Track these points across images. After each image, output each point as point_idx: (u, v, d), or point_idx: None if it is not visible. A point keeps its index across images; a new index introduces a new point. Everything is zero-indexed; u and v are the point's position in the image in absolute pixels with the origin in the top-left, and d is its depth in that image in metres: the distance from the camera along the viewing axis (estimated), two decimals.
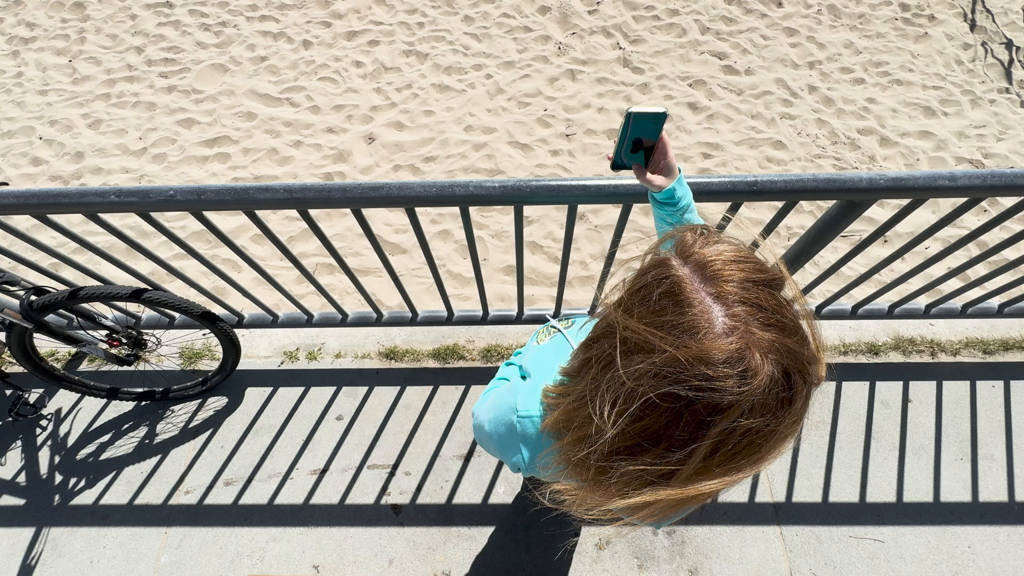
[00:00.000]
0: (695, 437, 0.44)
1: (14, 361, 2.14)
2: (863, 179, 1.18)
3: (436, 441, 1.95)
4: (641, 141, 0.83)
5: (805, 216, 3.07)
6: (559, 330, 0.94)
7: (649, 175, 0.86)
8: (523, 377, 0.88)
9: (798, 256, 1.59)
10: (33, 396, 2.04)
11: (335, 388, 2.08)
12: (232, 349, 1.87)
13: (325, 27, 4.15)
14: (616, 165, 0.87)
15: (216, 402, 2.04)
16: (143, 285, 1.67)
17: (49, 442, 1.96)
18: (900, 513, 1.78)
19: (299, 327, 2.03)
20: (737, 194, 1.20)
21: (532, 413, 0.71)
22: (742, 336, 0.43)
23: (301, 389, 2.07)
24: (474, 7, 4.24)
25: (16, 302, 1.55)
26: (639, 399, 0.44)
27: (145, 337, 1.86)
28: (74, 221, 2.83)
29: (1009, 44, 3.92)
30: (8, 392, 2.04)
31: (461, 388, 2.07)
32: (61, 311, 1.78)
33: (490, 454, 0.93)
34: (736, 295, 0.45)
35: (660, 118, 0.80)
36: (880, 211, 3.02)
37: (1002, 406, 1.98)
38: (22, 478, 1.90)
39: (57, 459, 1.93)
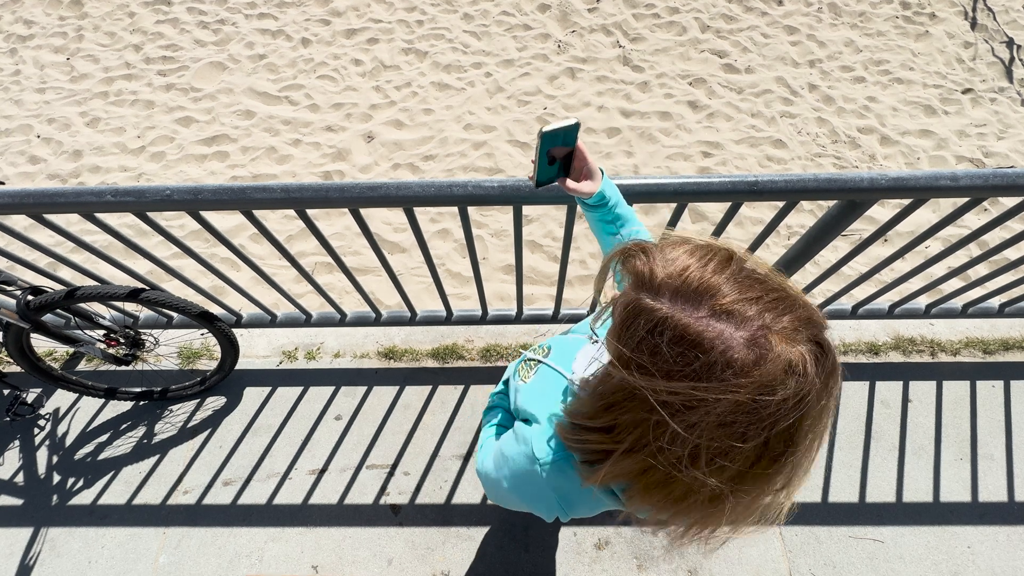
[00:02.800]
0: (791, 441, 0.45)
1: (11, 361, 2.13)
2: (864, 179, 1.18)
3: (435, 441, 1.95)
4: (558, 152, 0.83)
5: (806, 215, 3.06)
6: (540, 361, 0.86)
7: (575, 184, 0.86)
8: (526, 421, 0.79)
9: (798, 256, 1.59)
10: (31, 396, 2.04)
11: (334, 388, 2.07)
12: (230, 349, 1.87)
13: (324, 25, 4.13)
14: (540, 183, 0.86)
15: (214, 402, 2.04)
16: (141, 285, 1.67)
17: (47, 442, 1.96)
18: (900, 513, 1.78)
19: (298, 327, 2.03)
20: (738, 194, 1.19)
21: (557, 458, 0.66)
22: (768, 342, 0.43)
23: (300, 389, 2.07)
24: (473, 5, 4.23)
25: (13, 302, 1.54)
26: (717, 449, 0.44)
27: (143, 337, 1.85)
28: (71, 220, 2.82)
29: (1010, 43, 3.91)
30: (6, 392, 2.03)
31: (460, 388, 2.07)
32: (58, 311, 1.77)
33: (513, 509, 0.87)
34: (730, 300, 0.44)
35: (572, 129, 0.80)
36: (881, 210, 3.01)
37: (1002, 406, 1.97)
38: (20, 478, 1.89)
39: (55, 459, 1.92)
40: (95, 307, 2.18)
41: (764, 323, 0.43)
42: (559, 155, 0.84)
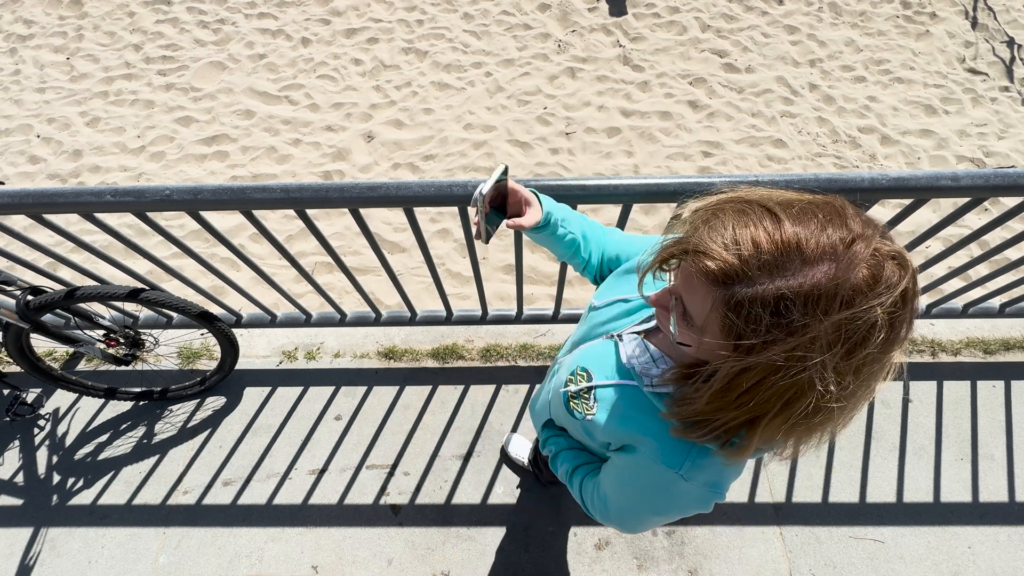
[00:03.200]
0: (913, 308, 0.47)
1: (11, 361, 2.13)
2: (865, 179, 1.17)
3: (435, 441, 1.95)
4: (490, 198, 0.82)
5: None
6: (591, 387, 0.77)
7: (522, 220, 0.84)
8: (620, 449, 0.74)
9: None
10: (31, 396, 2.04)
11: (334, 388, 2.07)
12: (230, 349, 1.87)
13: (324, 24, 4.13)
14: (489, 235, 0.85)
15: (214, 402, 2.04)
16: (140, 285, 1.67)
17: (47, 442, 1.96)
18: (900, 513, 1.78)
19: (298, 327, 2.03)
20: None
21: (693, 458, 0.64)
22: (866, 253, 0.45)
23: (300, 389, 2.07)
24: (473, 4, 4.22)
25: (12, 302, 1.54)
26: (873, 364, 0.47)
27: (143, 337, 1.85)
28: (71, 220, 2.82)
29: (1011, 42, 3.91)
30: (6, 392, 2.03)
31: (460, 388, 2.07)
32: (58, 311, 1.77)
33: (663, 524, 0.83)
34: (812, 242, 0.45)
35: (503, 174, 0.80)
36: (881, 210, 3.00)
37: (1003, 406, 1.97)
38: (20, 478, 1.89)
39: (55, 459, 1.92)
40: (95, 307, 2.18)
41: (845, 240, 0.45)
42: (494, 201, 0.83)
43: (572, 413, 0.79)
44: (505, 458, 1.89)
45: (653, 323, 0.73)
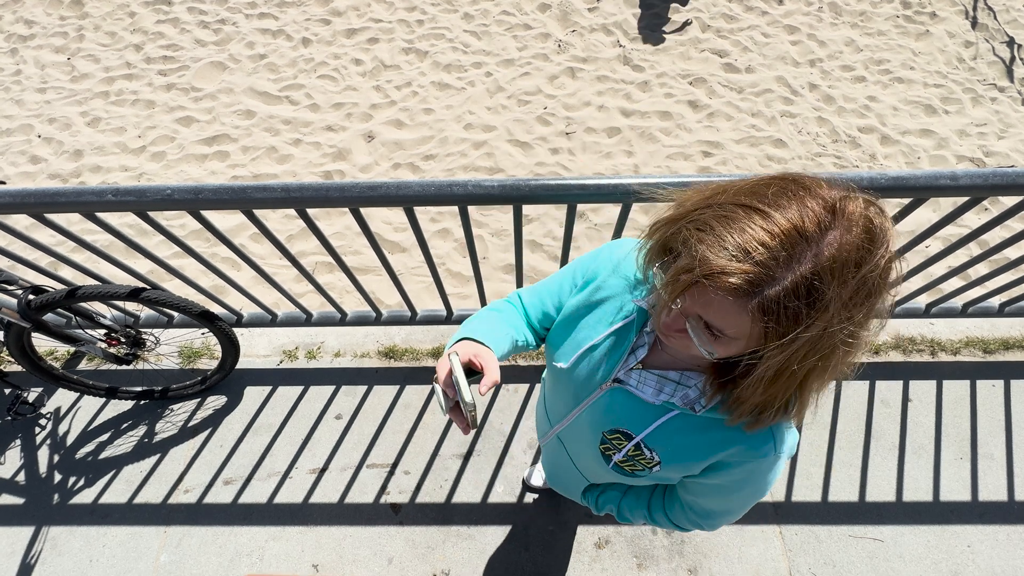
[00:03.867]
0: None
1: (12, 360, 2.13)
2: (864, 178, 1.18)
3: (435, 440, 1.95)
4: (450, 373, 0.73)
5: None
6: (640, 443, 0.75)
7: (492, 378, 0.73)
8: (709, 469, 0.73)
9: None
10: (32, 395, 2.04)
11: (334, 387, 2.07)
12: (231, 348, 1.87)
13: (324, 25, 4.13)
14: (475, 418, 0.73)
15: (215, 401, 2.04)
16: (141, 284, 1.67)
17: (48, 441, 1.96)
18: (900, 512, 1.78)
19: (298, 326, 2.03)
20: None
21: (776, 434, 0.67)
22: (854, 210, 0.49)
23: (300, 388, 2.07)
24: (474, 5, 4.23)
25: (14, 301, 1.54)
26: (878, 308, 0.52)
27: (144, 336, 1.85)
28: (72, 220, 2.82)
29: (1011, 42, 3.91)
30: (7, 391, 2.04)
31: None
32: (59, 310, 1.77)
33: None
34: (805, 221, 0.47)
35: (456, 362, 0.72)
36: None
37: (1002, 405, 1.97)
38: (21, 477, 1.90)
39: (56, 458, 1.93)
40: (96, 306, 2.19)
41: (829, 207, 0.48)
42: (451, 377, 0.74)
43: (635, 475, 0.78)
44: (530, 489, 1.85)
45: (641, 352, 0.72)
